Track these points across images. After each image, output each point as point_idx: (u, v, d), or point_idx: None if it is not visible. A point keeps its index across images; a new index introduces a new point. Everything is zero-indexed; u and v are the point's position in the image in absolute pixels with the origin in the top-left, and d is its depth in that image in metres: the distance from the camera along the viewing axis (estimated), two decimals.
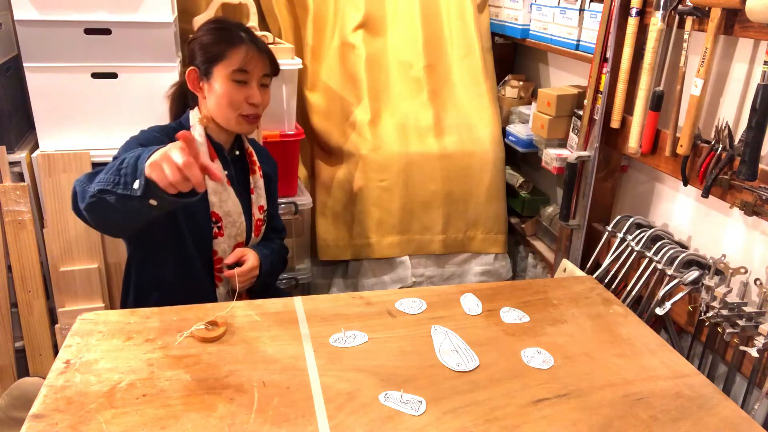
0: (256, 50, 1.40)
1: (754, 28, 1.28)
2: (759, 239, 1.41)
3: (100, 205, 1.10)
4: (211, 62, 1.39)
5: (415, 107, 2.29)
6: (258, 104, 1.42)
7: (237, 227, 1.47)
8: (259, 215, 1.54)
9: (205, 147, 1.41)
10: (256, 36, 1.44)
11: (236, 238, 1.48)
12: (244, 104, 1.40)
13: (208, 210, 1.42)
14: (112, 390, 1.06)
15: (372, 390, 1.09)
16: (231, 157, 1.49)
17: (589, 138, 1.82)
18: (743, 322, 1.31)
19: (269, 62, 1.44)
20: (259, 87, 1.42)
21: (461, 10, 2.35)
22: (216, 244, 1.44)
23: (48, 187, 1.80)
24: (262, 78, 1.43)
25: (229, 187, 1.45)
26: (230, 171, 1.48)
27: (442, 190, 2.24)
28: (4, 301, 1.84)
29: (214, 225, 1.43)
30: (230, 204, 1.45)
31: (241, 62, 1.38)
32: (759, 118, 1.25)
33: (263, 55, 1.42)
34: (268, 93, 1.46)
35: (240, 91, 1.39)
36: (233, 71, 1.37)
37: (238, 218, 1.47)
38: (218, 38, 1.39)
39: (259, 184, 1.55)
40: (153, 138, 1.37)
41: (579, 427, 1.03)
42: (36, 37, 1.72)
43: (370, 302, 1.39)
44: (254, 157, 1.55)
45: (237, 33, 1.40)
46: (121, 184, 1.04)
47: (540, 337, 1.29)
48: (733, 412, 1.09)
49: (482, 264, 2.33)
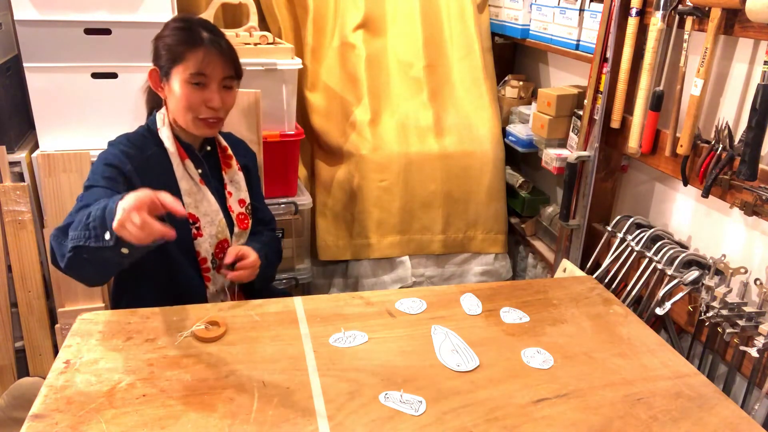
0: (217, 52, 1.34)
1: (754, 28, 1.28)
2: (759, 239, 1.41)
3: (76, 260, 1.14)
4: (171, 64, 1.35)
5: (415, 107, 2.29)
6: (217, 107, 1.36)
7: (216, 225, 1.45)
8: (240, 209, 1.51)
9: (176, 153, 1.39)
10: (220, 36, 1.38)
11: (218, 236, 1.45)
12: (202, 107, 1.35)
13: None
14: (112, 390, 1.06)
15: (372, 390, 1.09)
16: (203, 154, 1.47)
17: (589, 138, 1.82)
18: (743, 322, 1.31)
19: (231, 64, 1.38)
20: (220, 89, 1.37)
21: (461, 10, 2.35)
22: (197, 245, 1.42)
23: (48, 187, 1.80)
24: (224, 80, 1.37)
25: (203, 186, 1.43)
26: (204, 168, 1.45)
27: (442, 190, 2.24)
28: (4, 301, 1.84)
29: (192, 226, 1.41)
30: (205, 204, 1.43)
31: (199, 65, 1.33)
32: (759, 118, 1.25)
33: (224, 58, 1.35)
34: (231, 95, 1.41)
35: (198, 94, 1.34)
36: (191, 74, 1.33)
37: (216, 216, 1.44)
38: (178, 39, 1.34)
39: (236, 178, 1.51)
40: (119, 156, 1.34)
41: (579, 427, 1.03)
42: (36, 37, 1.72)
43: (370, 302, 1.39)
44: (228, 152, 1.51)
45: (198, 34, 1.34)
46: (93, 237, 1.10)
47: (540, 337, 1.29)
48: (733, 412, 1.09)
49: (482, 264, 2.33)
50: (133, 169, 1.34)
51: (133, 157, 1.35)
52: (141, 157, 1.37)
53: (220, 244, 1.46)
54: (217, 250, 1.46)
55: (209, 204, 1.43)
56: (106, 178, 1.30)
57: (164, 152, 1.39)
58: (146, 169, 1.37)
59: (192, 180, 1.41)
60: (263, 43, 2.01)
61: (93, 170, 1.34)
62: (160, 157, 1.39)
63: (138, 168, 1.35)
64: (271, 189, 1.99)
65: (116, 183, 1.30)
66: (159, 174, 1.38)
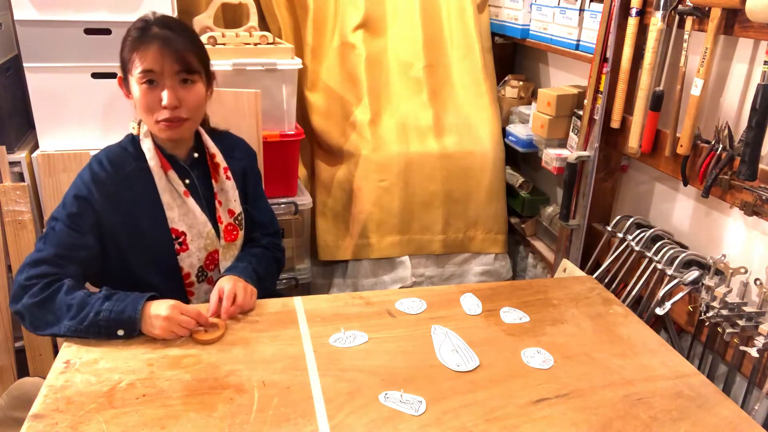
0: (166, 47, 1.25)
1: (754, 28, 1.28)
2: (759, 239, 1.41)
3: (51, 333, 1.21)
4: (125, 68, 1.30)
5: (415, 107, 2.29)
6: (170, 105, 1.26)
7: (205, 237, 1.39)
8: (228, 219, 1.44)
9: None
10: (177, 29, 1.29)
11: (206, 248, 1.40)
12: (158, 108, 1.28)
13: (166, 229, 1.35)
14: (112, 390, 1.06)
15: (372, 390, 1.09)
16: (189, 163, 1.41)
17: (589, 138, 1.82)
18: (743, 322, 1.31)
19: (185, 57, 1.27)
20: (177, 86, 1.28)
21: (461, 10, 2.35)
22: (180, 260, 1.37)
23: (48, 187, 1.80)
24: (179, 74, 1.27)
25: (188, 198, 1.37)
26: (190, 179, 1.40)
27: (442, 190, 2.24)
28: (4, 301, 1.84)
29: (175, 241, 1.36)
30: (191, 216, 1.37)
31: (147, 62, 1.25)
32: (759, 118, 1.25)
33: (175, 51, 1.26)
34: (192, 90, 1.30)
35: (151, 93, 1.27)
36: (140, 73, 1.26)
37: (204, 228, 1.39)
38: (131, 40, 1.28)
39: (225, 187, 1.43)
40: (89, 186, 1.30)
41: (579, 427, 1.03)
42: (36, 37, 1.72)
43: (370, 302, 1.39)
44: (217, 159, 1.43)
45: (149, 31, 1.26)
46: (102, 333, 1.18)
47: (540, 337, 1.29)
48: (733, 412, 1.09)
49: (482, 264, 2.33)
50: (103, 197, 1.30)
51: (104, 183, 1.31)
52: (117, 177, 1.33)
53: (210, 255, 1.41)
54: (207, 261, 1.42)
55: (195, 216, 1.38)
56: (72, 217, 1.28)
57: (145, 165, 1.34)
58: (124, 187, 1.33)
59: (176, 192, 1.36)
60: (263, 43, 2.01)
61: (63, 200, 1.31)
62: (141, 172, 1.34)
63: (112, 194, 1.31)
64: (271, 189, 1.99)
65: (81, 221, 1.28)
66: (139, 190, 1.34)
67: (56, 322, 1.19)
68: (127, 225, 1.33)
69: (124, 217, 1.33)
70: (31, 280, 1.21)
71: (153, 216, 1.35)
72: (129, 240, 1.34)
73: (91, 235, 1.30)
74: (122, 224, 1.33)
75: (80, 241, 1.28)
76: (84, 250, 1.29)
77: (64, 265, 1.25)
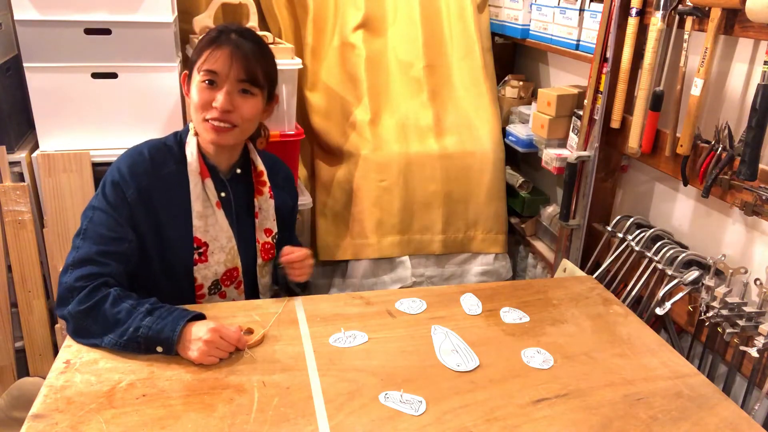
0: (237, 53, 1.26)
1: (754, 28, 1.28)
2: (759, 239, 1.41)
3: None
4: (193, 64, 1.30)
5: (415, 107, 2.29)
6: (222, 109, 1.26)
7: (227, 252, 1.36)
8: (265, 238, 1.43)
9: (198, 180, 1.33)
10: (253, 41, 1.31)
11: (226, 264, 1.37)
12: (210, 107, 1.27)
13: (189, 237, 1.33)
14: (112, 390, 1.06)
15: (372, 390, 1.09)
16: (229, 177, 1.39)
17: (589, 138, 1.82)
18: (743, 322, 1.31)
19: (252, 69, 1.28)
20: (235, 93, 1.28)
21: (461, 10, 2.35)
22: (196, 271, 1.34)
23: (48, 187, 1.80)
24: (240, 83, 1.28)
25: (219, 211, 1.35)
26: (226, 193, 1.37)
27: (442, 190, 2.24)
28: (4, 301, 1.84)
29: (196, 251, 1.33)
30: (217, 228, 1.35)
31: (214, 63, 1.26)
32: (759, 118, 1.25)
33: (244, 60, 1.27)
34: (249, 102, 1.30)
35: (208, 92, 1.27)
36: (204, 71, 1.26)
37: (228, 243, 1.36)
38: (206, 40, 1.29)
39: (265, 206, 1.42)
40: (125, 177, 1.28)
41: (579, 427, 1.03)
42: (36, 37, 1.72)
43: (370, 302, 1.39)
44: (263, 177, 1.41)
45: (224, 35, 1.28)
46: (141, 348, 1.16)
47: (540, 337, 1.29)
48: (733, 412, 1.09)
49: (482, 264, 2.33)
50: (137, 193, 1.28)
51: (141, 177, 1.29)
52: (154, 176, 1.31)
53: (228, 272, 1.38)
54: (224, 277, 1.38)
55: (221, 229, 1.35)
56: (110, 204, 1.27)
57: (184, 169, 1.32)
58: (159, 187, 1.31)
59: (208, 201, 1.34)
60: None
61: (103, 183, 1.30)
62: (178, 176, 1.32)
63: (146, 189, 1.29)
64: None
65: (119, 211, 1.26)
66: (172, 195, 1.32)
67: (99, 335, 1.17)
68: (151, 225, 1.30)
69: (152, 216, 1.30)
70: (79, 281, 1.19)
71: (180, 222, 1.32)
72: (149, 240, 1.31)
73: (128, 225, 1.27)
74: (147, 223, 1.30)
75: (120, 232, 1.26)
76: (125, 242, 1.26)
77: (108, 263, 1.22)
